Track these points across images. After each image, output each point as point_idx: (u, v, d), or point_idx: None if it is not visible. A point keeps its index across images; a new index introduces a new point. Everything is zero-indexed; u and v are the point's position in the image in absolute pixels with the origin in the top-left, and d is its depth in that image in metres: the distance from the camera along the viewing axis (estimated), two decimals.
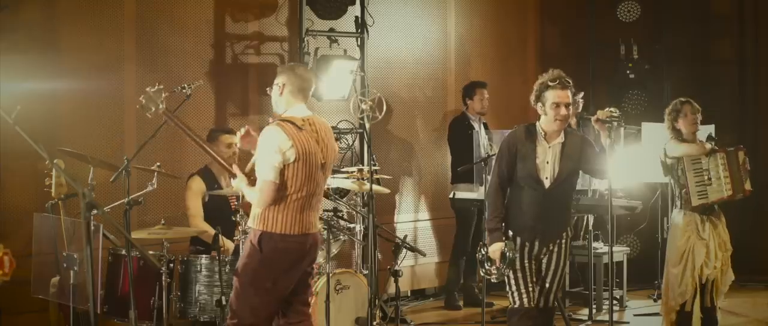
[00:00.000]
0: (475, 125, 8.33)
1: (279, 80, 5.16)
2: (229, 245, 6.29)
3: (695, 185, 6.48)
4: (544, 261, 5.51)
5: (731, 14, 10.22)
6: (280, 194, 4.96)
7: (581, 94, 8.80)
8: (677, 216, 6.59)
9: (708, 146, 6.54)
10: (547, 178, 5.41)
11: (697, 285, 6.45)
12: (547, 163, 5.42)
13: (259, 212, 5.02)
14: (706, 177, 6.48)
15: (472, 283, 8.44)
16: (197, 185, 6.63)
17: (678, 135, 6.56)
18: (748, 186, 6.67)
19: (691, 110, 6.53)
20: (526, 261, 5.47)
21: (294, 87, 5.14)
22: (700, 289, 6.47)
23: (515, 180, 5.49)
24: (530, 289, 5.45)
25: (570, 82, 5.47)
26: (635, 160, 7.77)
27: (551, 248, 5.50)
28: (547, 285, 5.50)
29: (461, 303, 8.39)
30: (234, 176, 5.27)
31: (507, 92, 9.18)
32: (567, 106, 5.41)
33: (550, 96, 5.39)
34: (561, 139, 5.46)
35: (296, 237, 5.02)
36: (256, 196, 5.02)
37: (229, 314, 5.11)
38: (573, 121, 8.62)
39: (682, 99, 6.61)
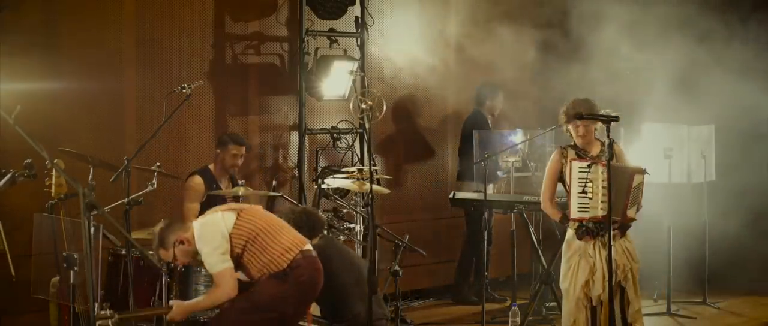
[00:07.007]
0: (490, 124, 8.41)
1: None
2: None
3: (577, 195, 5.55)
4: None
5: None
6: None
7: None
8: (569, 228, 5.77)
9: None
10: None
11: (586, 306, 5.68)
12: None
13: None
14: (589, 190, 5.56)
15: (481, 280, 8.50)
16: (197, 183, 6.64)
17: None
18: (631, 213, 5.61)
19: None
20: None
21: None
22: (598, 311, 5.69)
23: None
24: None
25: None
26: (634, 161, 7.74)
27: None
28: None
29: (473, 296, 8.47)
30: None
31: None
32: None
33: None
34: None
35: None
36: None
37: None
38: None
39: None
